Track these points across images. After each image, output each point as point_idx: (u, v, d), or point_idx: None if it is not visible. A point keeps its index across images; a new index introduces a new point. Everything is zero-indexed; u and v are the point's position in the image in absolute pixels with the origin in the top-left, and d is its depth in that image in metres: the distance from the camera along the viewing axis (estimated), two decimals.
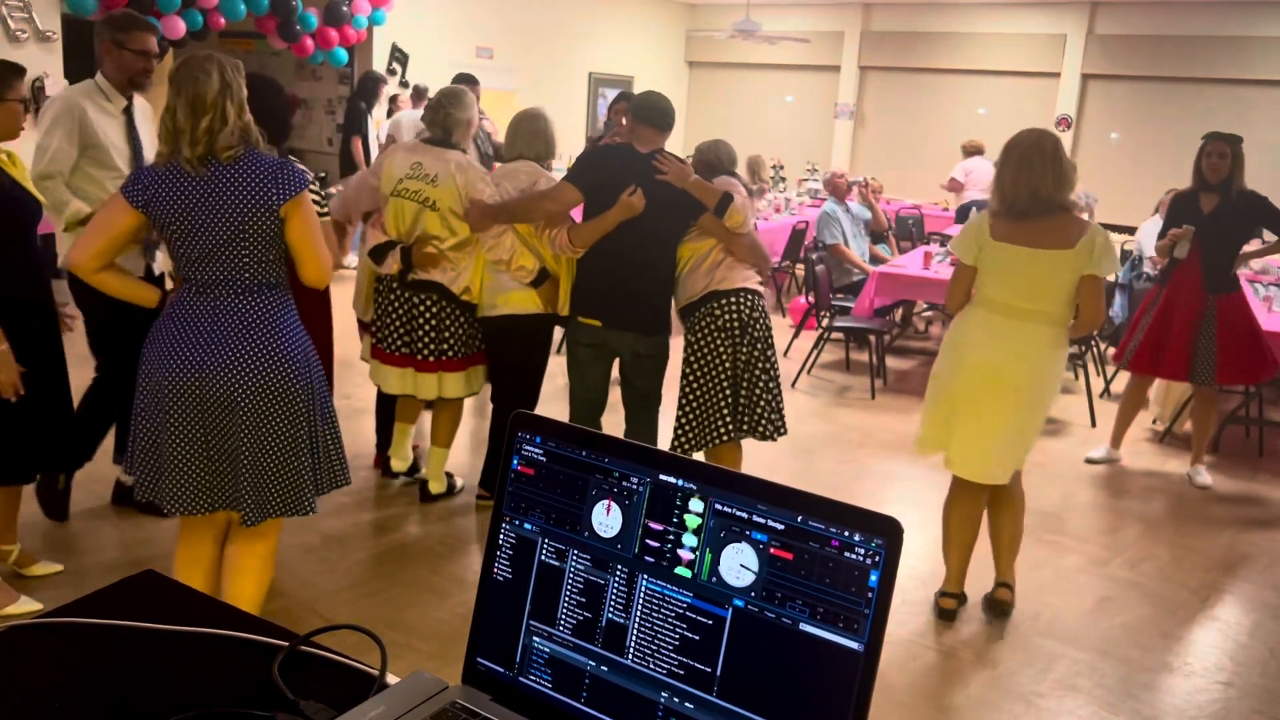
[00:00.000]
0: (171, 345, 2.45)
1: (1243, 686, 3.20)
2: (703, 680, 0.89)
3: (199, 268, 2.45)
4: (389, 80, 9.50)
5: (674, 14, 14.00)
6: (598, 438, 0.97)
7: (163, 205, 2.40)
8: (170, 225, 2.42)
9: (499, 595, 1.00)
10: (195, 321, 2.45)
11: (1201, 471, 5.09)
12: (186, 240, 2.42)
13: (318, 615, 3.21)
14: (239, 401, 2.45)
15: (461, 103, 3.84)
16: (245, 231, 2.42)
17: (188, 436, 2.47)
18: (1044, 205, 3.18)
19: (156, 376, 2.46)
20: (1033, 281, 3.21)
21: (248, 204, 2.41)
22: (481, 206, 3.70)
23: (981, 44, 12.28)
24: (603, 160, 3.75)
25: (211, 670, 1.08)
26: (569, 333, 3.87)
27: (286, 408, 2.52)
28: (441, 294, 3.83)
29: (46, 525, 3.73)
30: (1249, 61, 10.62)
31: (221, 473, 2.52)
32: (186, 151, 2.38)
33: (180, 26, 8.13)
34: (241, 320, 2.46)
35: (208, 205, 2.40)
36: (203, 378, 2.43)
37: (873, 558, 0.83)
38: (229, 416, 2.47)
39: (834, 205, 7.52)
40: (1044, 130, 3.29)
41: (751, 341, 3.74)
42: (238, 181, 2.41)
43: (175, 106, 2.39)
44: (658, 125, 3.69)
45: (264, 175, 2.43)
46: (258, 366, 2.46)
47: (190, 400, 2.44)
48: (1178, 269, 4.90)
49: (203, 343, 2.44)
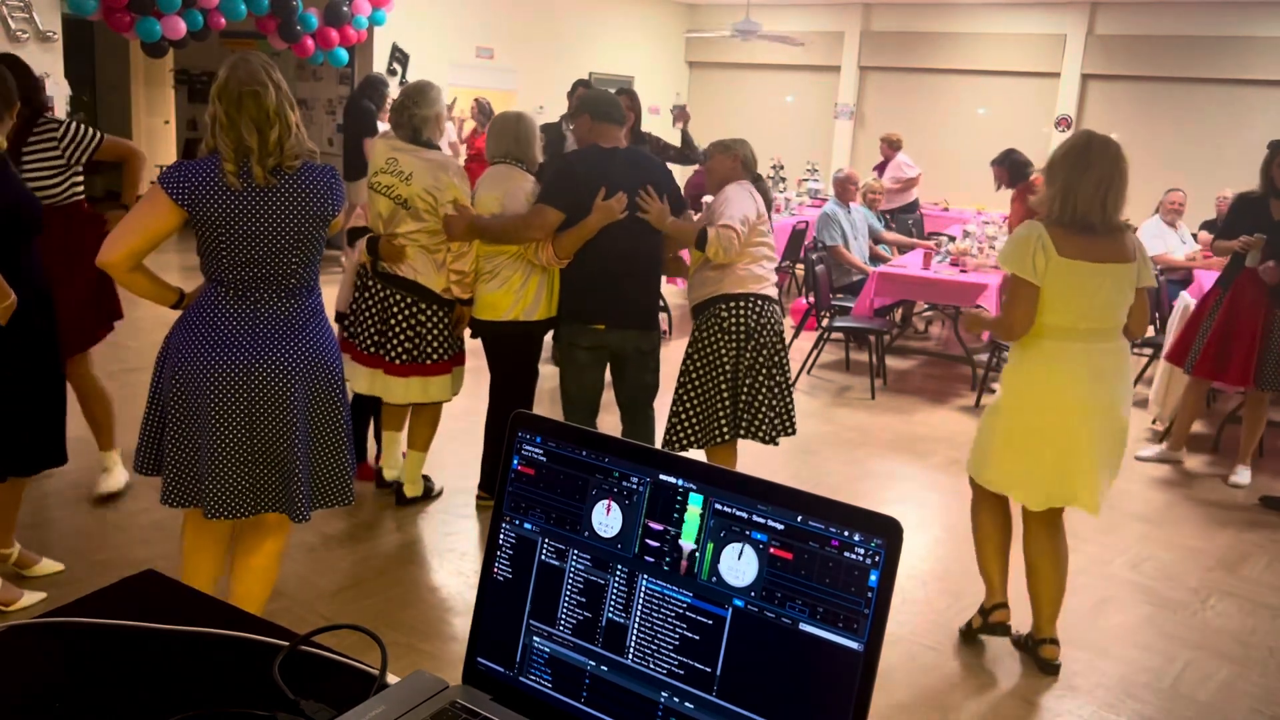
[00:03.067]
0: (212, 348, 2.41)
1: (1243, 686, 3.20)
2: (703, 680, 0.89)
3: (238, 270, 2.41)
4: (390, 81, 9.50)
5: (674, 14, 14.00)
6: (598, 438, 0.97)
7: (211, 207, 2.35)
8: (218, 228, 2.37)
9: (499, 595, 1.00)
10: (235, 323, 2.42)
11: (1238, 470, 5.11)
12: (236, 245, 2.38)
13: (318, 615, 3.21)
14: (291, 401, 2.45)
15: (426, 99, 3.79)
16: (301, 239, 2.44)
17: (233, 439, 2.44)
18: (1112, 224, 3.02)
19: (195, 380, 2.41)
20: (1101, 300, 3.01)
21: (309, 214, 2.43)
22: (468, 219, 3.69)
23: (981, 44, 12.28)
24: (573, 170, 3.75)
25: (211, 670, 1.08)
26: (566, 337, 3.86)
27: (332, 403, 2.56)
28: (419, 294, 3.77)
29: (45, 526, 3.73)
30: (1249, 61, 10.62)
31: (266, 475, 2.49)
32: (258, 169, 2.36)
33: (180, 26, 8.13)
34: (285, 322, 2.46)
35: (268, 214, 2.38)
36: (250, 379, 2.41)
37: (873, 558, 0.83)
38: (279, 416, 2.45)
39: (835, 206, 7.52)
40: (1115, 143, 3.06)
41: (756, 347, 3.73)
42: (300, 193, 2.42)
43: (239, 124, 2.34)
44: (615, 120, 3.81)
45: (323, 186, 2.46)
46: (306, 366, 2.47)
47: (237, 402, 2.42)
48: (1241, 275, 4.85)
49: (247, 345, 2.41)
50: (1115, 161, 3.01)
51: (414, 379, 3.84)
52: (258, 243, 2.39)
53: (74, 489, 4.03)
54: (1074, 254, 2.97)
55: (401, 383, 3.84)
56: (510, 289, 3.82)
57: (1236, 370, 4.89)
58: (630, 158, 3.79)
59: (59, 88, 7.90)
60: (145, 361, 5.92)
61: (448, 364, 3.90)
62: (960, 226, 9.08)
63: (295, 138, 2.40)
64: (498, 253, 3.81)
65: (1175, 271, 7.24)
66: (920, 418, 5.99)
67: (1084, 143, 3.04)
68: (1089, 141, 3.04)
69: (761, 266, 3.84)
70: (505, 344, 3.94)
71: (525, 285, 3.82)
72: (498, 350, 3.98)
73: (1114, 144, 3.05)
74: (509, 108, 4.81)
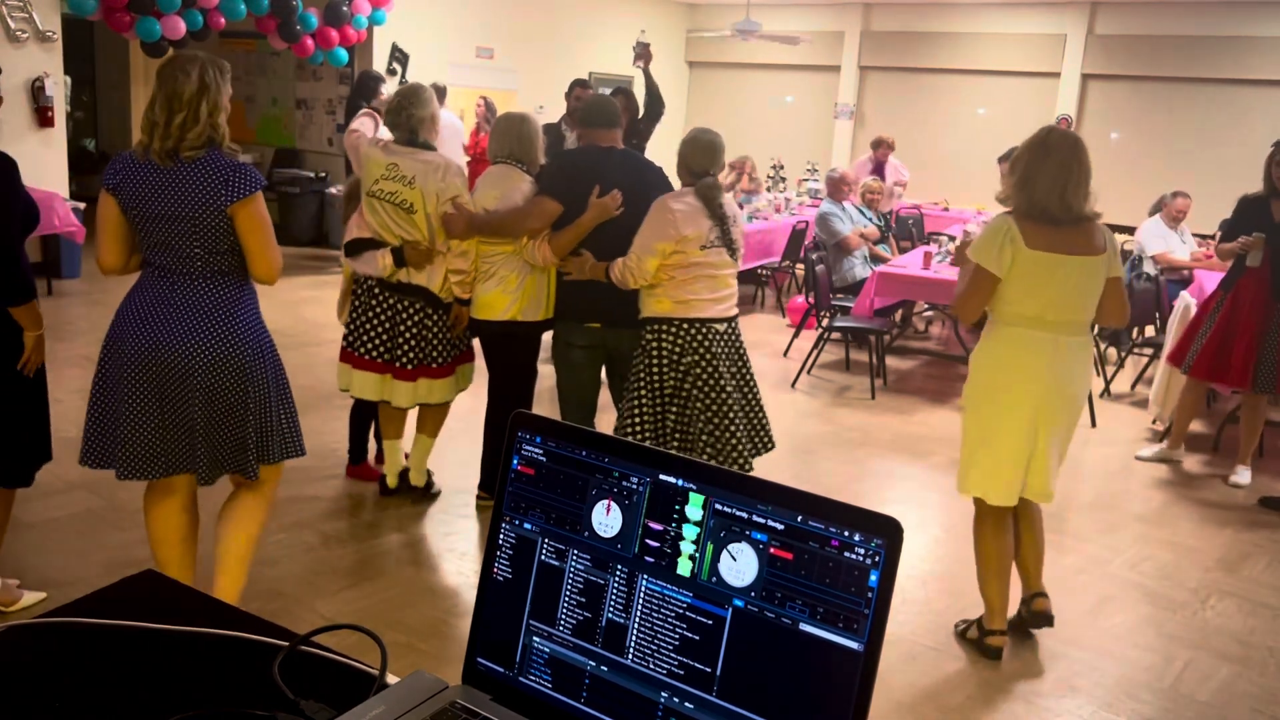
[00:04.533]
0: (131, 323, 2.66)
1: (1243, 686, 3.20)
2: (703, 680, 0.89)
3: (156, 254, 2.65)
4: (387, 80, 9.50)
5: (674, 14, 14.00)
6: (598, 437, 0.97)
7: (128, 191, 2.60)
8: (131, 211, 2.62)
9: (499, 595, 1.00)
10: (153, 303, 2.65)
11: (1238, 470, 5.11)
12: (145, 227, 2.63)
13: (318, 615, 3.21)
14: (192, 372, 2.65)
15: (421, 100, 3.80)
16: (196, 226, 2.60)
17: (143, 407, 2.66)
18: (1076, 214, 3.05)
19: (116, 351, 2.67)
20: (1069, 291, 3.05)
21: (198, 201, 2.58)
22: (467, 217, 3.69)
23: (981, 44, 12.27)
24: (572, 165, 3.77)
25: (211, 670, 1.08)
26: (562, 336, 3.87)
27: (235, 380, 2.70)
28: (426, 299, 3.80)
29: (45, 526, 3.73)
30: (1249, 61, 10.62)
31: (176, 439, 2.70)
32: (157, 144, 2.57)
33: (180, 26, 8.13)
34: (195, 303, 2.65)
35: (164, 198, 2.58)
36: (158, 352, 2.63)
37: (873, 558, 0.83)
38: (182, 386, 2.66)
39: (831, 205, 7.52)
40: (1075, 135, 3.10)
41: (680, 374, 3.55)
42: (192, 179, 2.58)
43: (156, 100, 2.57)
44: (606, 124, 3.78)
45: (217, 176, 2.59)
46: (208, 342, 2.65)
47: (147, 372, 2.64)
48: (1243, 276, 4.85)
49: (159, 321, 2.64)
50: (1073, 152, 3.04)
51: (421, 382, 3.86)
52: (158, 225, 2.60)
53: (74, 488, 4.03)
54: (1042, 245, 3.02)
55: (409, 386, 3.85)
56: (507, 289, 3.82)
57: (1236, 373, 4.89)
58: (626, 157, 3.80)
59: (59, 88, 7.91)
60: None
61: (451, 365, 3.92)
62: (960, 226, 9.08)
63: (201, 131, 2.57)
64: (494, 252, 3.81)
65: (1176, 272, 7.24)
66: (920, 418, 5.99)
67: (1043, 136, 3.10)
68: (1047, 134, 3.10)
69: (690, 291, 3.52)
70: (502, 344, 3.95)
71: (522, 285, 3.83)
72: (495, 350, 3.99)
73: (1074, 136, 3.10)
74: (509, 108, 4.81)
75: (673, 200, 3.52)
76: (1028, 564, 3.35)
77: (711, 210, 3.53)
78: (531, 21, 11.79)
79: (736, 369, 3.66)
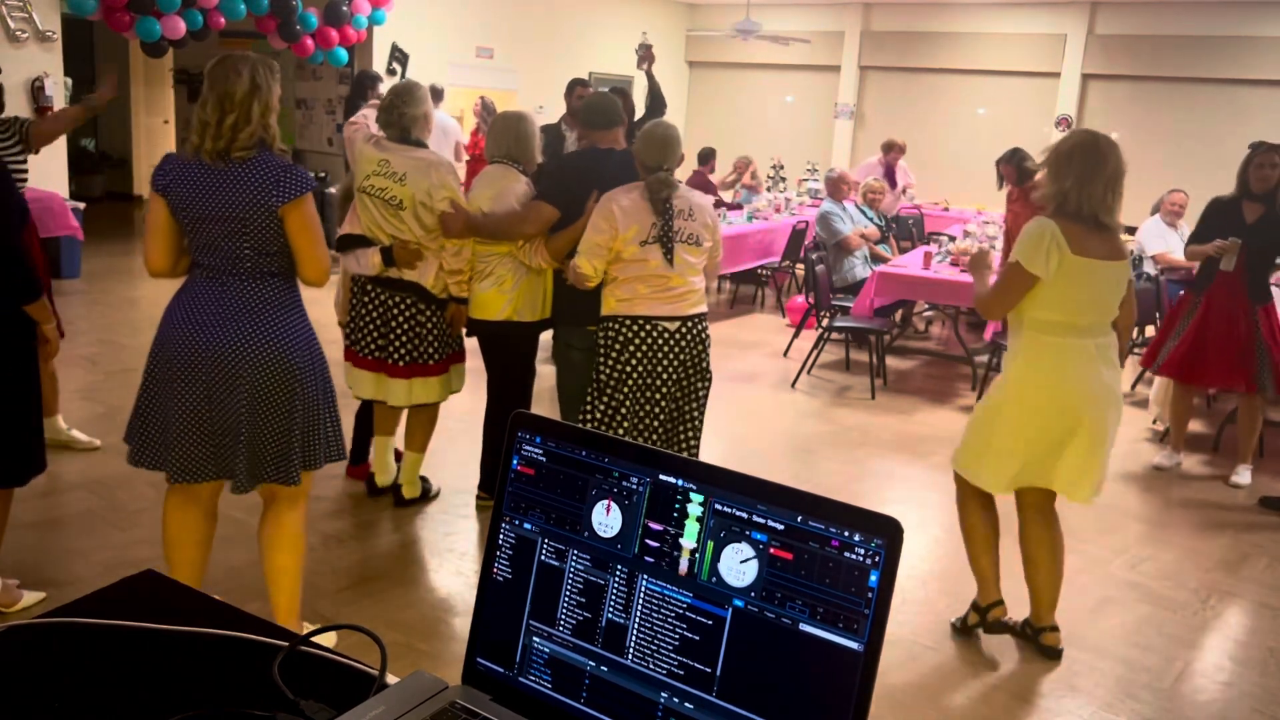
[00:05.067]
0: (180, 325, 2.62)
1: (1243, 686, 3.20)
2: (702, 680, 0.89)
3: (205, 254, 2.61)
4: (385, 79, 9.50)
5: (674, 14, 14.00)
6: (598, 438, 0.97)
7: (178, 191, 2.56)
8: (181, 211, 2.58)
9: (499, 595, 1.00)
10: (202, 304, 2.62)
11: (1239, 470, 5.12)
12: (194, 227, 2.59)
13: (318, 615, 3.21)
14: (241, 374, 2.60)
15: (414, 98, 3.79)
16: (246, 226, 2.56)
17: (193, 409, 2.62)
18: (1115, 222, 3.07)
19: (165, 353, 2.64)
20: (1099, 296, 3.06)
21: (249, 201, 2.54)
22: (465, 217, 3.68)
23: (981, 44, 12.27)
24: (570, 169, 3.77)
25: (211, 670, 1.08)
26: (560, 337, 3.88)
27: (283, 382, 2.65)
28: (418, 294, 3.77)
29: (44, 525, 3.73)
30: (1249, 61, 10.62)
31: (221, 444, 2.66)
32: (208, 145, 2.54)
33: (180, 26, 8.13)
34: (244, 304, 2.61)
35: (215, 198, 2.54)
36: (208, 353, 2.59)
37: (873, 558, 0.83)
38: (230, 389, 2.61)
39: (832, 205, 7.52)
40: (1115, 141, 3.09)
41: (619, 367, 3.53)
42: (243, 180, 2.54)
43: (207, 101, 2.54)
44: (608, 124, 3.78)
45: (268, 176, 2.55)
46: (258, 343, 2.61)
47: (196, 374, 2.60)
48: (1216, 280, 4.85)
49: (209, 322, 2.60)
50: (1120, 160, 3.06)
51: (415, 380, 3.84)
52: (208, 225, 2.56)
53: (74, 488, 4.03)
54: (1084, 251, 3.01)
55: (404, 384, 3.84)
56: (503, 289, 3.82)
57: (1215, 374, 4.93)
58: (626, 159, 3.79)
59: (59, 88, 7.91)
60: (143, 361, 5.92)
61: (446, 363, 3.91)
62: (960, 226, 9.08)
63: (252, 131, 2.55)
64: (490, 252, 3.81)
65: (1176, 271, 7.24)
66: (920, 418, 5.99)
67: (1092, 140, 3.05)
68: (1096, 139, 3.05)
69: (629, 289, 3.48)
70: (500, 344, 3.94)
71: (518, 285, 3.83)
72: (493, 350, 3.99)
73: (1115, 143, 3.09)
74: (509, 108, 4.81)
75: (619, 194, 3.48)
76: (1040, 590, 3.28)
77: (656, 206, 3.45)
78: (531, 21, 11.80)
79: (683, 375, 3.58)
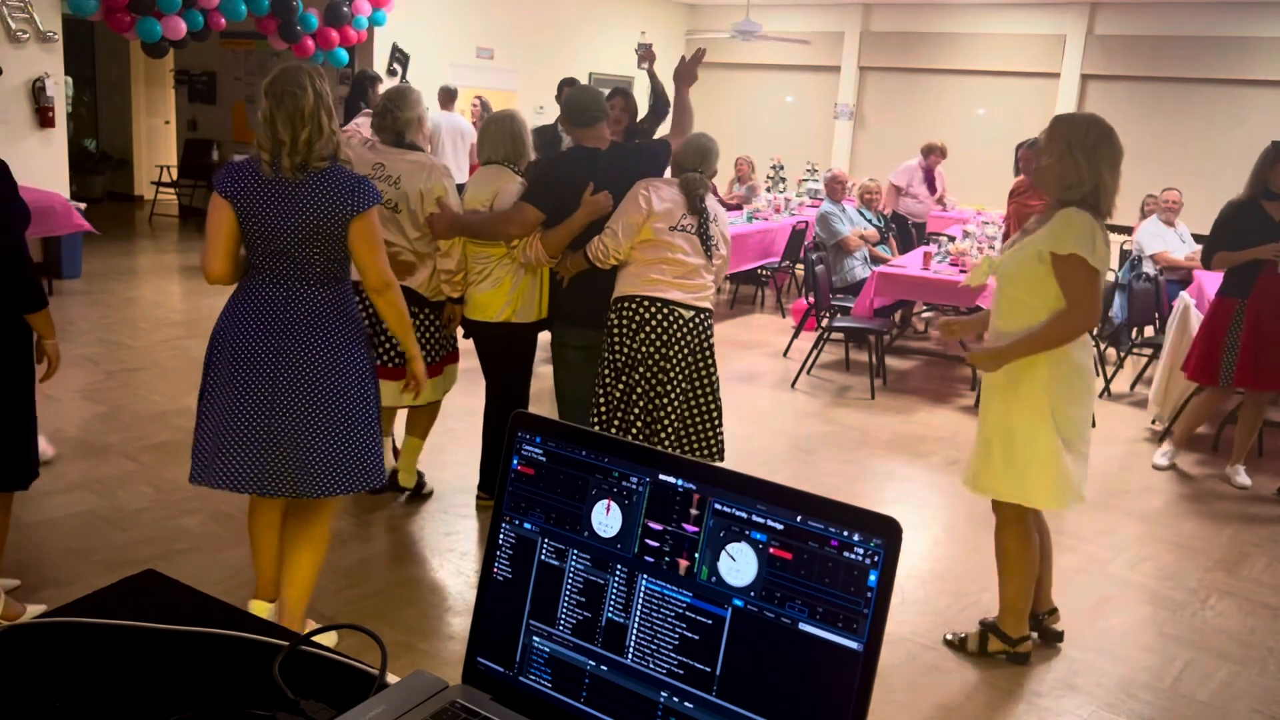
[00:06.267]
0: (243, 331, 2.63)
1: (1242, 686, 3.20)
2: (702, 680, 0.89)
3: (271, 260, 2.63)
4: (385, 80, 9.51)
5: (674, 14, 14.00)
6: (597, 438, 0.97)
7: (248, 202, 2.59)
8: (251, 220, 2.60)
9: (499, 595, 1.01)
10: (267, 309, 2.63)
11: (1240, 471, 5.11)
12: (265, 236, 2.61)
13: (318, 615, 3.21)
14: (305, 376, 2.62)
15: (407, 101, 3.82)
16: (317, 235, 2.61)
17: (254, 416, 2.61)
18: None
19: (226, 357, 2.64)
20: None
21: (324, 213, 2.60)
22: (450, 216, 3.70)
23: (981, 44, 12.27)
24: (556, 170, 3.77)
25: (211, 670, 1.08)
26: (557, 337, 3.90)
27: (340, 391, 2.67)
28: (410, 298, 3.74)
29: (44, 525, 3.73)
30: (1249, 61, 10.62)
31: (280, 455, 2.63)
32: (286, 161, 2.56)
33: (181, 27, 8.13)
34: (310, 310, 2.64)
35: (290, 210, 2.59)
36: (274, 355, 2.60)
37: (872, 557, 0.83)
38: (294, 395, 2.62)
39: (831, 205, 7.52)
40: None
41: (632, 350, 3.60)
42: (319, 191, 2.60)
43: (275, 119, 2.55)
44: (590, 120, 3.80)
45: (342, 188, 2.62)
46: (324, 345, 2.64)
47: (261, 376, 2.60)
48: (1260, 279, 4.81)
49: (274, 330, 2.62)
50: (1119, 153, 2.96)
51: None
52: (282, 234, 2.59)
53: (74, 488, 4.03)
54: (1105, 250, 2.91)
55: (395, 385, 3.84)
56: (502, 290, 3.83)
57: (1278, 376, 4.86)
58: (615, 157, 3.80)
59: (59, 88, 7.91)
60: (145, 361, 5.92)
61: (439, 365, 3.92)
62: (959, 227, 9.08)
63: (326, 141, 2.59)
64: (488, 254, 3.82)
65: (1175, 271, 7.25)
66: (920, 418, 5.99)
67: (1110, 129, 2.91)
68: (1110, 130, 2.92)
69: (658, 271, 3.59)
70: (498, 345, 3.95)
71: (517, 286, 3.84)
72: (491, 351, 3.99)
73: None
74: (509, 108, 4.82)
75: (658, 183, 3.65)
76: (1045, 578, 3.32)
77: (691, 202, 3.63)
78: (531, 22, 11.79)
79: (693, 364, 3.66)
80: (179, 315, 7.19)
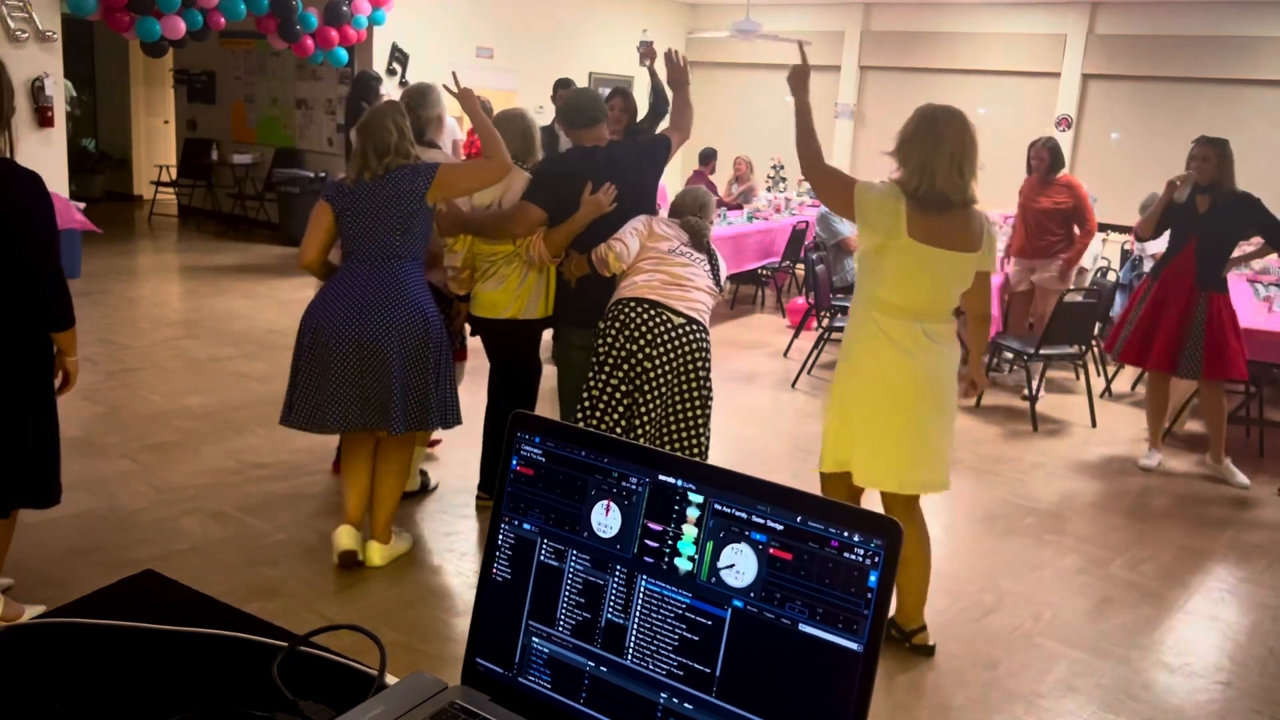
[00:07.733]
0: (341, 302, 3.32)
1: (1242, 686, 3.20)
2: (702, 681, 0.89)
3: (361, 243, 3.34)
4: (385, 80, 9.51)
5: (674, 14, 14.00)
6: (597, 438, 0.97)
7: (344, 204, 3.36)
8: (347, 215, 3.35)
9: (498, 595, 1.00)
10: (359, 284, 3.33)
11: (1235, 471, 5.12)
12: (357, 224, 3.34)
13: (318, 615, 3.21)
14: (390, 342, 3.29)
15: (428, 100, 3.89)
16: (399, 215, 3.32)
17: (349, 370, 3.29)
18: (968, 196, 2.95)
19: (326, 327, 3.30)
20: (939, 283, 2.96)
21: (403, 199, 3.32)
22: (454, 214, 3.71)
23: (981, 44, 12.27)
24: (558, 169, 3.79)
25: (211, 670, 1.08)
26: (561, 336, 3.90)
27: (421, 346, 3.35)
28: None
29: (44, 525, 3.73)
30: (1249, 61, 10.62)
31: (372, 399, 3.31)
32: (368, 176, 3.34)
33: (180, 26, 8.13)
34: (391, 280, 3.33)
35: (375, 203, 3.32)
36: (364, 325, 3.28)
37: (872, 558, 0.83)
38: (382, 354, 3.28)
39: None
40: (962, 113, 2.98)
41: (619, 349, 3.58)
42: (396, 184, 3.33)
43: (366, 150, 3.34)
44: (587, 121, 3.83)
45: (410, 177, 3.34)
46: (402, 315, 3.31)
47: (353, 342, 3.28)
48: (1170, 265, 5.06)
49: (365, 300, 3.31)
50: (964, 130, 2.93)
51: None
52: (369, 222, 3.33)
53: (74, 488, 4.03)
54: (922, 237, 2.91)
55: None
56: (509, 288, 3.83)
57: (1156, 355, 5.02)
58: (612, 156, 3.80)
59: (58, 88, 7.91)
60: (145, 362, 5.92)
61: (456, 354, 3.93)
62: None
63: (398, 153, 3.35)
64: (496, 252, 3.82)
65: None
66: None
67: (930, 116, 2.95)
68: (935, 116, 2.95)
69: (655, 279, 3.61)
70: (504, 342, 3.96)
71: (523, 284, 3.84)
72: (497, 349, 4.00)
73: (960, 114, 2.97)
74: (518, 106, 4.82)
75: (653, 218, 3.75)
76: (911, 588, 3.20)
77: (696, 240, 3.76)
78: (531, 21, 11.79)
79: (680, 371, 3.59)
80: (179, 315, 7.19)
